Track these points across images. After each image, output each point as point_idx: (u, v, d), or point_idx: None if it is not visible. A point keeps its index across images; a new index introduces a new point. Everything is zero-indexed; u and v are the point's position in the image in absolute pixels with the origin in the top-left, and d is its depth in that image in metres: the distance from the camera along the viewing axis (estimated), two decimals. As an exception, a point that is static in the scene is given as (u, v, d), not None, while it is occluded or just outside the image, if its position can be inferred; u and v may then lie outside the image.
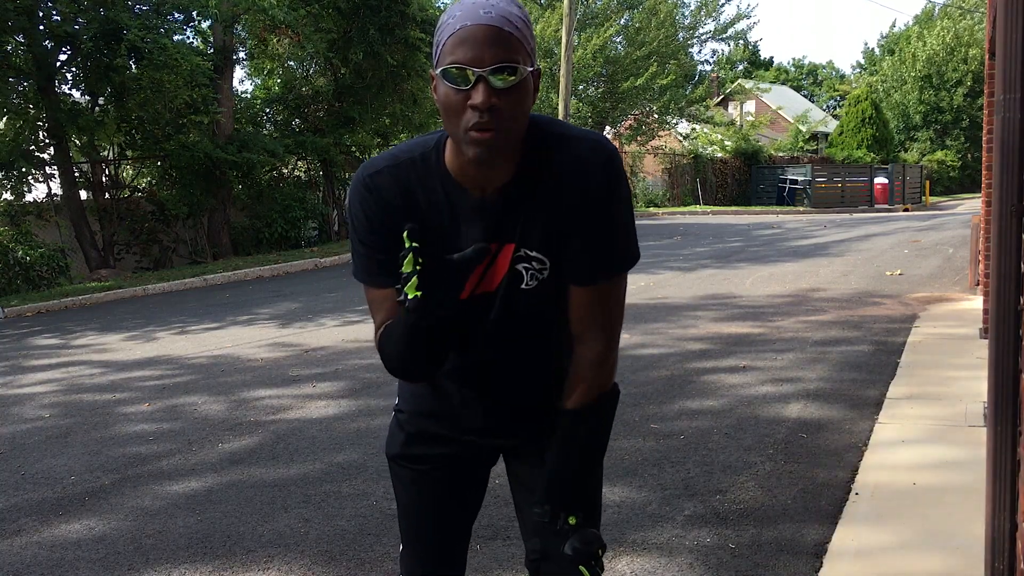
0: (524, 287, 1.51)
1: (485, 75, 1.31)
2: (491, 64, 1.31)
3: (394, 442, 1.75)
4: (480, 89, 1.31)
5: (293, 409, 5.40)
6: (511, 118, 1.35)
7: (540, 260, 1.50)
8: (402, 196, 1.48)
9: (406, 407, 1.73)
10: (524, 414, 1.67)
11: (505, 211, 1.47)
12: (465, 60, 1.31)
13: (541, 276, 1.51)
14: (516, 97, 1.34)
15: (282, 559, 3.23)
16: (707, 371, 5.91)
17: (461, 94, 1.32)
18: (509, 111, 1.33)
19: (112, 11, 13.72)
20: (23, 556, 3.38)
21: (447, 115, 1.36)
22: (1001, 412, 2.16)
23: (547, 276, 1.51)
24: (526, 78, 1.36)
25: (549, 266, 1.51)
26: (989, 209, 4.61)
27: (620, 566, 3.03)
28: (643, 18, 29.36)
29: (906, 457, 3.96)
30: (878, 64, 51.04)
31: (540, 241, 1.49)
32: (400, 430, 1.73)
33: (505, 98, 1.32)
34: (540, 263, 1.50)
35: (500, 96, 1.32)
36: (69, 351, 8.00)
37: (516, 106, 1.35)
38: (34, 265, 13.00)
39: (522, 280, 1.51)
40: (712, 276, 11.13)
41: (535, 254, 1.49)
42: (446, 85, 1.34)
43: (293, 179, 18.90)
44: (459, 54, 1.32)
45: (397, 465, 1.74)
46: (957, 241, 14.11)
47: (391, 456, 1.75)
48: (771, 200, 29.75)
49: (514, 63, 1.33)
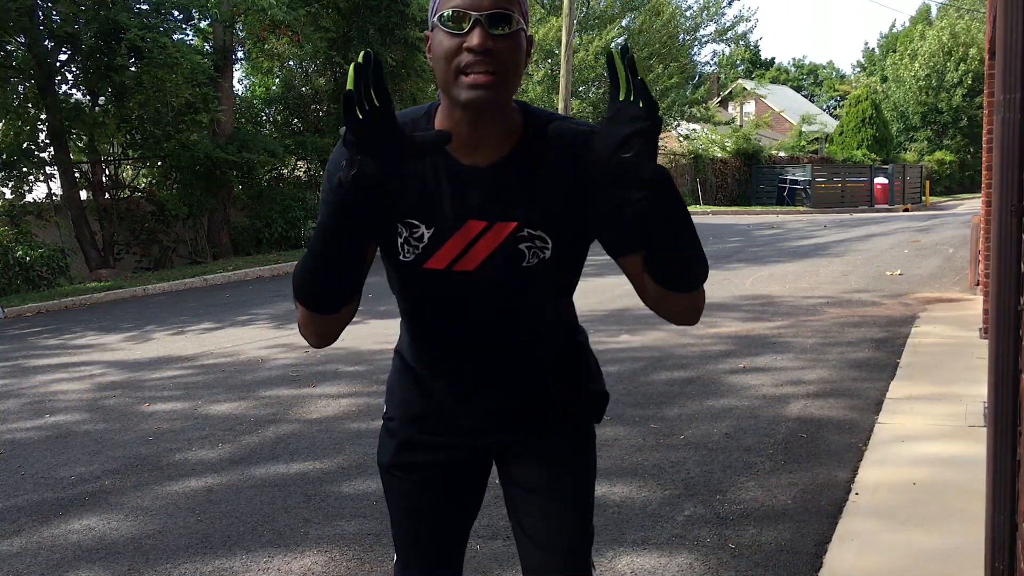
0: (525, 265, 1.48)
1: (482, 19, 1.32)
2: (488, 9, 1.32)
3: (385, 451, 1.70)
4: (477, 31, 1.32)
5: (293, 409, 5.40)
6: (506, 65, 1.35)
7: (542, 238, 1.47)
8: None
9: (395, 414, 1.68)
10: (518, 413, 1.62)
11: (501, 187, 1.45)
12: (463, 4, 1.33)
13: (543, 255, 1.48)
14: (511, 46, 1.35)
15: (282, 559, 3.23)
16: (707, 371, 5.91)
17: (457, 38, 1.33)
18: (504, 56, 1.34)
19: (112, 11, 13.73)
20: (23, 556, 3.38)
21: (441, 63, 1.35)
22: (1001, 412, 2.16)
23: (549, 256, 1.48)
24: (520, 31, 1.37)
25: (552, 245, 1.48)
26: (989, 209, 4.61)
27: (620, 566, 3.03)
28: (645, 20, 29.37)
29: (906, 457, 3.96)
30: (878, 64, 51.07)
31: (542, 219, 1.46)
32: (390, 438, 1.69)
33: (500, 43, 1.33)
34: (542, 241, 1.47)
35: (495, 41, 1.33)
36: (69, 351, 7.99)
37: (511, 55, 1.35)
38: (34, 265, 13.00)
39: (523, 259, 1.47)
40: (712, 276, 11.10)
41: (537, 232, 1.46)
42: (442, 31, 1.34)
43: (293, 179, 18.90)
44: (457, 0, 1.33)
45: (389, 475, 1.69)
46: (957, 241, 14.11)
47: (383, 466, 1.70)
48: (771, 200, 29.76)
49: (510, 11, 1.34)
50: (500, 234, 1.46)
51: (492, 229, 1.46)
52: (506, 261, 1.47)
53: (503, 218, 1.45)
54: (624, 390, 5.45)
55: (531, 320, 1.56)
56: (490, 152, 1.45)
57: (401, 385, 1.68)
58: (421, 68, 17.65)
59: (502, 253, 1.46)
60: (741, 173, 31.65)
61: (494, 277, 1.48)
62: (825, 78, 65.61)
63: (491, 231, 1.46)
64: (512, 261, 1.47)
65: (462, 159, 1.45)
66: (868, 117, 35.85)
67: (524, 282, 1.49)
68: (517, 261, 1.47)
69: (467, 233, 1.45)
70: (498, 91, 1.35)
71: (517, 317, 1.54)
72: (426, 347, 1.61)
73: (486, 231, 1.46)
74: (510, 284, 1.49)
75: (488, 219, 1.45)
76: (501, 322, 1.54)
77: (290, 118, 19.18)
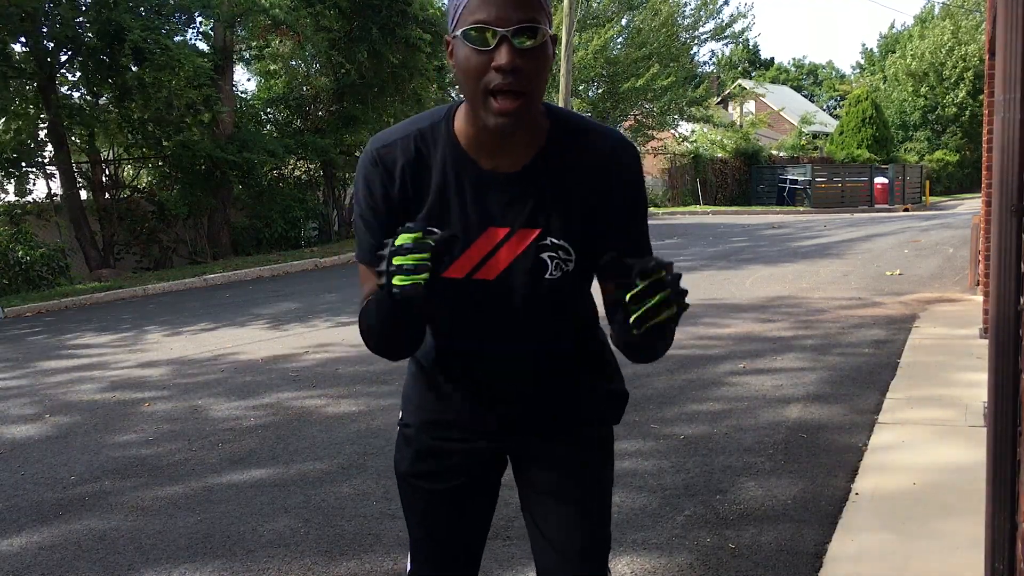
0: (548, 277, 1.44)
1: (508, 35, 1.28)
2: (515, 24, 1.28)
3: (403, 459, 1.66)
4: (504, 50, 1.28)
5: (293, 409, 5.40)
6: (534, 80, 1.31)
7: (566, 250, 1.44)
8: (411, 169, 1.43)
9: (412, 420, 1.65)
10: (536, 417, 1.60)
11: (525, 194, 1.41)
12: (489, 20, 1.28)
13: (566, 267, 1.44)
14: (538, 59, 1.31)
15: (282, 559, 3.23)
16: (707, 372, 5.91)
17: (484, 55, 1.29)
18: (532, 73, 1.31)
19: (114, 12, 13.73)
20: (23, 556, 3.38)
21: (467, 79, 1.32)
22: (1001, 412, 2.15)
23: (572, 268, 1.45)
24: (547, 41, 1.33)
25: (575, 257, 1.44)
26: (989, 209, 4.61)
27: (620, 566, 3.03)
28: (644, 19, 29.37)
29: (906, 457, 3.96)
30: (878, 64, 51.08)
31: (564, 230, 1.43)
32: (408, 446, 1.65)
33: (528, 59, 1.30)
34: (566, 253, 1.44)
35: (523, 57, 1.29)
36: (69, 351, 7.99)
37: (538, 69, 1.32)
38: (34, 265, 12.99)
39: (546, 269, 1.43)
40: (712, 276, 11.12)
41: (561, 242, 1.43)
42: (467, 47, 1.30)
43: (293, 179, 18.91)
44: (482, 14, 1.28)
45: (407, 483, 1.66)
46: (957, 241, 14.11)
47: (401, 474, 1.67)
48: (771, 200, 29.75)
49: (536, 23, 1.30)
50: (523, 242, 1.42)
51: (515, 236, 1.42)
52: (528, 272, 1.44)
53: (526, 225, 1.42)
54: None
55: (551, 328, 1.54)
56: (514, 157, 1.41)
57: (417, 391, 1.65)
58: (423, 68, 17.64)
59: (524, 263, 1.43)
60: (741, 173, 31.65)
61: (515, 288, 1.44)
62: (825, 78, 65.60)
63: (514, 238, 1.42)
64: (534, 272, 1.44)
65: (484, 164, 1.41)
66: (868, 117, 35.83)
67: (545, 294, 1.46)
68: (540, 272, 1.44)
69: (489, 240, 1.42)
70: (526, 113, 1.33)
71: (536, 326, 1.52)
72: (442, 354, 1.59)
73: (508, 238, 1.42)
74: (531, 296, 1.45)
75: (510, 225, 1.42)
76: (519, 330, 1.51)
77: (290, 118, 19.17)
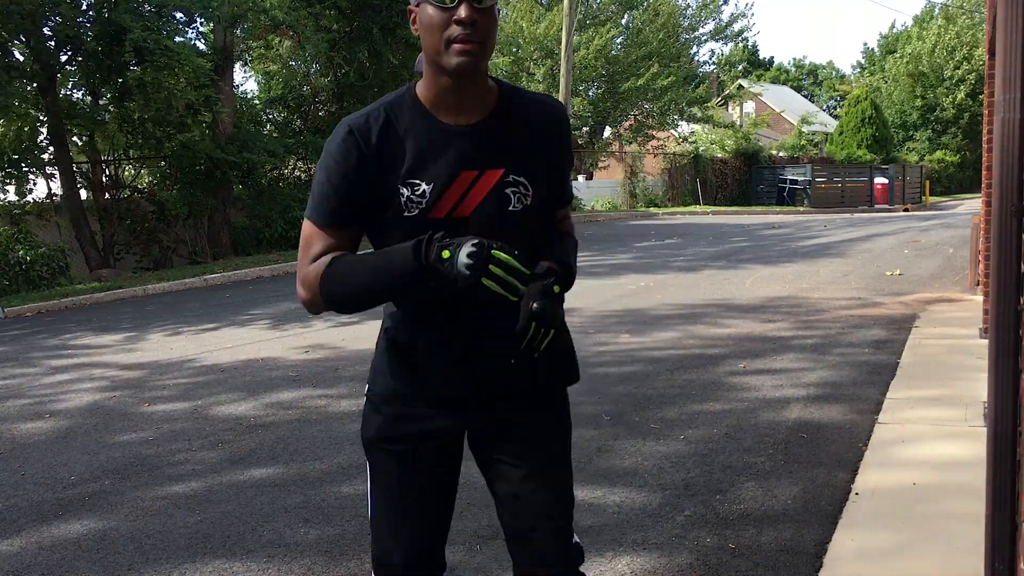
0: (511, 209, 1.68)
1: None
2: None
3: (370, 425, 1.78)
4: (464, 6, 1.54)
5: (293, 409, 5.40)
6: (488, 35, 1.59)
7: (524, 185, 1.69)
8: (385, 132, 1.65)
9: (380, 389, 1.77)
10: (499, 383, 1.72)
11: (487, 141, 1.67)
12: None
13: (526, 201, 1.70)
14: (490, 19, 1.59)
15: (282, 559, 3.23)
16: (707, 372, 5.91)
17: (446, 12, 1.55)
18: (486, 27, 1.58)
19: (114, 12, 13.73)
20: (23, 556, 3.38)
21: (429, 34, 1.57)
22: (1001, 412, 2.15)
23: (530, 203, 1.70)
24: (494, 6, 1.60)
25: (532, 193, 1.70)
26: (989, 209, 4.61)
27: (620, 566, 3.03)
28: (644, 18, 29.37)
29: (906, 457, 3.96)
30: (878, 64, 51.07)
31: (522, 168, 1.69)
32: (376, 413, 1.78)
33: (484, 15, 1.57)
34: (524, 188, 1.69)
35: (480, 13, 1.56)
36: (69, 351, 7.99)
37: (490, 25, 1.59)
38: (34, 265, 12.99)
39: (509, 203, 1.68)
40: (712, 276, 11.12)
41: (520, 179, 1.69)
42: (432, 6, 1.56)
43: (293, 179, 18.90)
44: None
45: (376, 448, 1.77)
46: (957, 241, 14.11)
47: (368, 440, 1.78)
48: (771, 200, 29.75)
49: None
50: (490, 180, 1.67)
51: (483, 176, 1.66)
52: (496, 204, 1.67)
53: (491, 166, 1.67)
54: (624, 390, 5.45)
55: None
56: (473, 113, 1.67)
57: (386, 360, 1.78)
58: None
59: (492, 196, 1.67)
60: (741, 173, 31.64)
61: (486, 219, 1.66)
62: (825, 78, 65.61)
63: (483, 178, 1.66)
64: (500, 203, 1.67)
65: (448, 121, 1.66)
66: (868, 117, 35.84)
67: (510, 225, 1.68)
68: (504, 204, 1.68)
69: (462, 183, 1.65)
70: (481, 57, 1.59)
71: None
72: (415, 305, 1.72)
73: (478, 179, 1.66)
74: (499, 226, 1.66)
75: (478, 168, 1.66)
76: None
77: (290, 118, 19.16)
